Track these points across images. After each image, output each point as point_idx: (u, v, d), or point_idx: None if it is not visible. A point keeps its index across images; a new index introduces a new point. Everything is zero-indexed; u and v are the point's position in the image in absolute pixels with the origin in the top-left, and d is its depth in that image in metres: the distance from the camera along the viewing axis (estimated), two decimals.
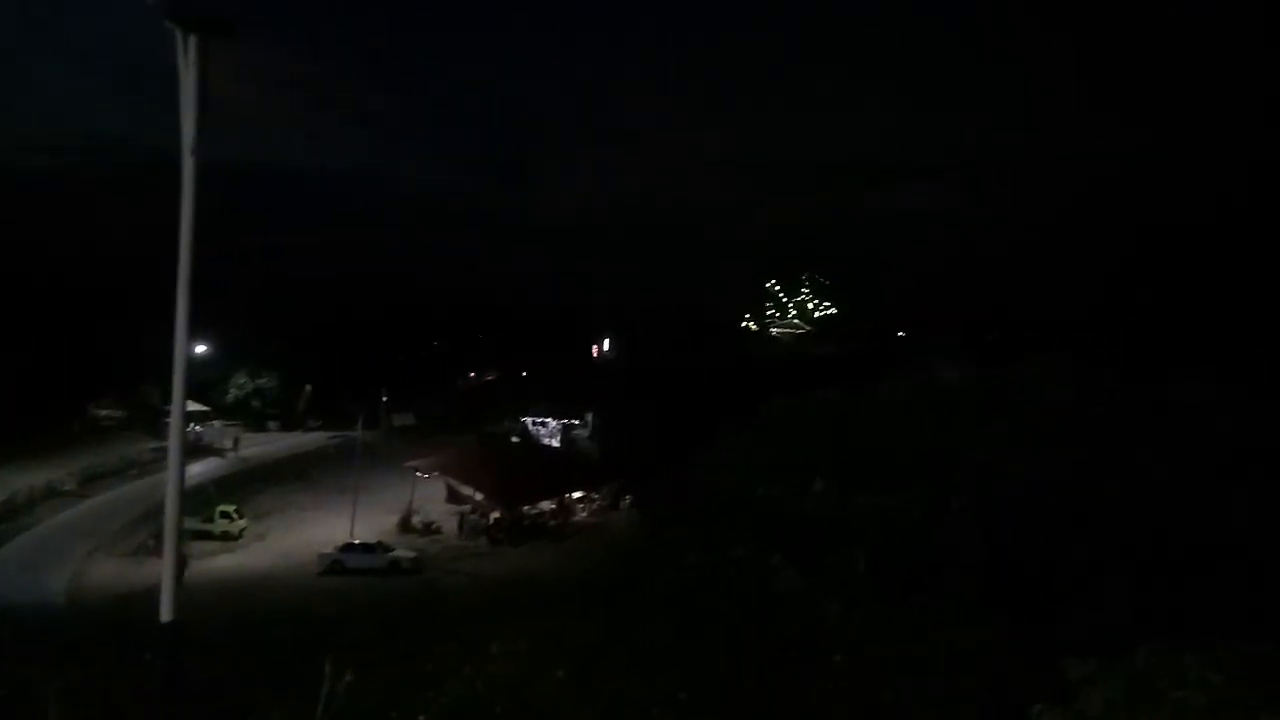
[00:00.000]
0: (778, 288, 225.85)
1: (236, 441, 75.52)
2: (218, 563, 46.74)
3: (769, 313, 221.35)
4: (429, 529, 53.64)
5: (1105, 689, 7.81)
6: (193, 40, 5.26)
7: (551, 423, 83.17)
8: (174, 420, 5.71)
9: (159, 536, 49.26)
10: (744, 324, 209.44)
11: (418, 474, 58.52)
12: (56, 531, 51.66)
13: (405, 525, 53.77)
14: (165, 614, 5.20)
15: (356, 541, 47.69)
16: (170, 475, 5.50)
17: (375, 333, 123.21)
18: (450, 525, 54.62)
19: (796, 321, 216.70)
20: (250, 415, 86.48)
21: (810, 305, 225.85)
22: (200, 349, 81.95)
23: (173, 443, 5.72)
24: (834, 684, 9.87)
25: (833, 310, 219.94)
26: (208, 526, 50.47)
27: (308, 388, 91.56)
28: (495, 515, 53.95)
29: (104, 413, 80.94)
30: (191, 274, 5.25)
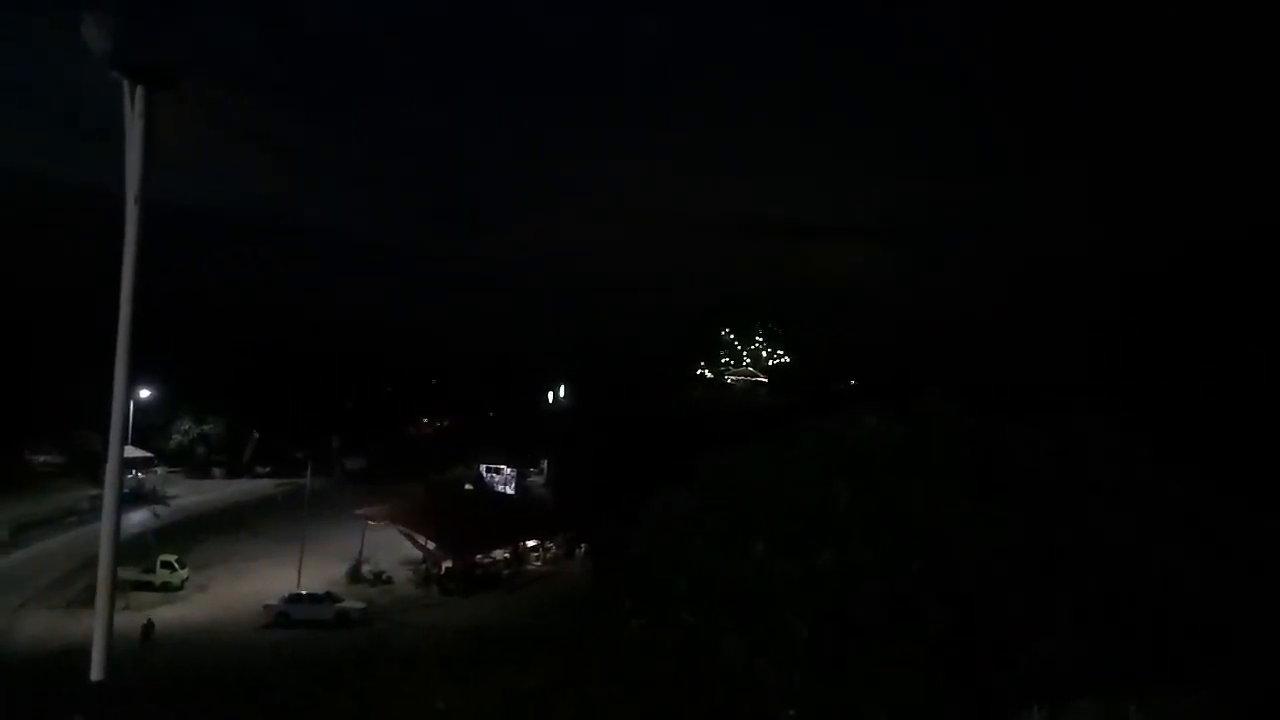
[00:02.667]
0: (731, 335, 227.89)
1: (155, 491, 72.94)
2: (158, 614, 45.05)
3: (723, 360, 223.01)
4: (379, 579, 52.41)
5: None
6: (139, 90, 5.26)
7: (506, 470, 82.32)
8: (110, 465, 5.58)
9: (94, 588, 47.53)
10: (699, 371, 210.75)
11: (368, 522, 57.33)
12: None
13: (355, 575, 52.50)
14: (96, 673, 4.99)
15: (303, 592, 46.41)
16: (104, 525, 5.33)
17: (324, 378, 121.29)
18: (402, 575, 53.46)
19: (750, 369, 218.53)
20: (195, 461, 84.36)
21: (764, 353, 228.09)
22: (143, 393, 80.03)
23: (109, 490, 5.58)
24: None
25: (785, 359, 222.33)
26: (148, 577, 48.78)
27: (255, 434, 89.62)
28: (446, 564, 52.97)
29: (41, 459, 78.28)
30: (133, 318, 5.18)
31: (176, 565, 50.46)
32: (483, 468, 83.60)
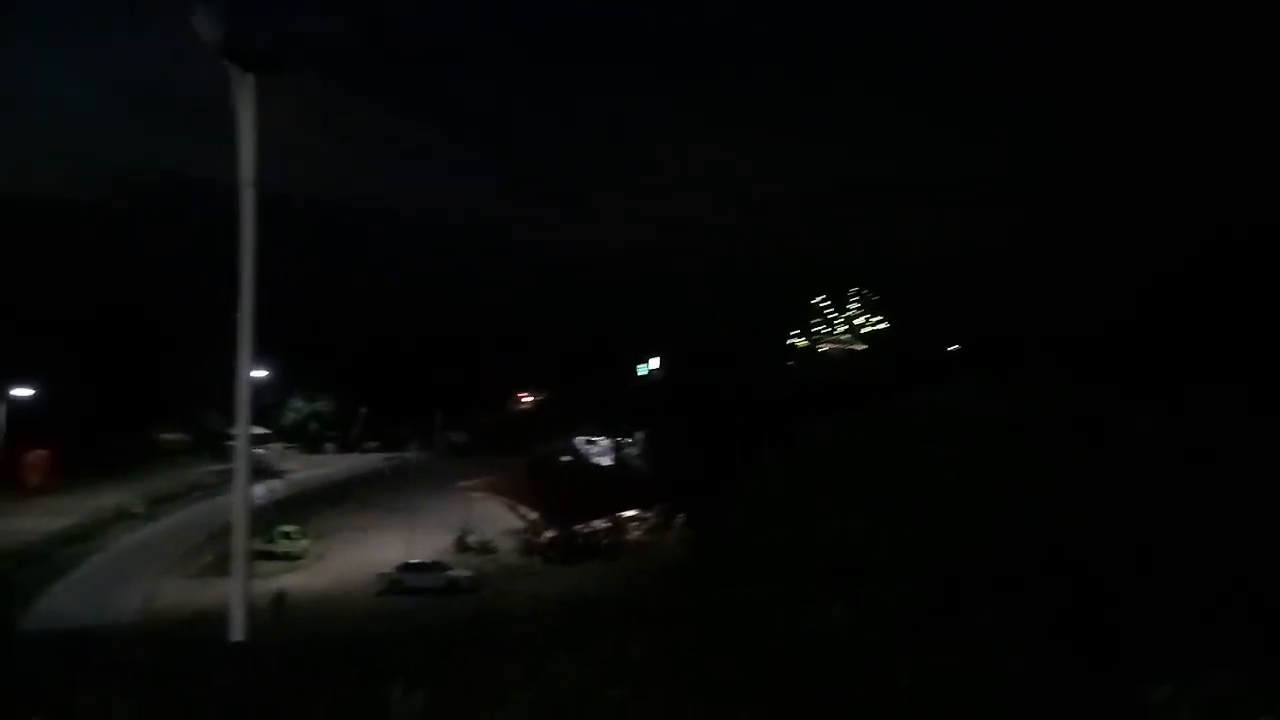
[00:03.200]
0: (826, 303, 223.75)
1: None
2: (280, 582, 47.63)
3: (818, 329, 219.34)
4: (485, 548, 54.08)
5: (1185, 711, 7.63)
6: (249, 78, 5.49)
7: (602, 441, 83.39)
8: (239, 443, 5.94)
9: (225, 557, 50.59)
10: (792, 340, 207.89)
11: (471, 494, 59.10)
12: (127, 553, 53.24)
13: (461, 545, 54.30)
14: (235, 634, 5.38)
15: (415, 561, 48.32)
16: (236, 499, 5.70)
17: (426, 357, 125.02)
18: (506, 544, 55.02)
19: (846, 337, 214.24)
20: (308, 438, 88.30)
21: (859, 320, 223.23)
22: (259, 374, 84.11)
23: (239, 466, 5.94)
24: (897, 709, 9.75)
25: (883, 325, 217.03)
26: (270, 547, 51.52)
27: (363, 410, 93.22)
28: (548, 534, 54.22)
29: (168, 438, 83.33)
30: (254, 300, 5.47)
31: (296, 535, 53.13)
32: (579, 440, 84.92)
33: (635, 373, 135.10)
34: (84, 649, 32.61)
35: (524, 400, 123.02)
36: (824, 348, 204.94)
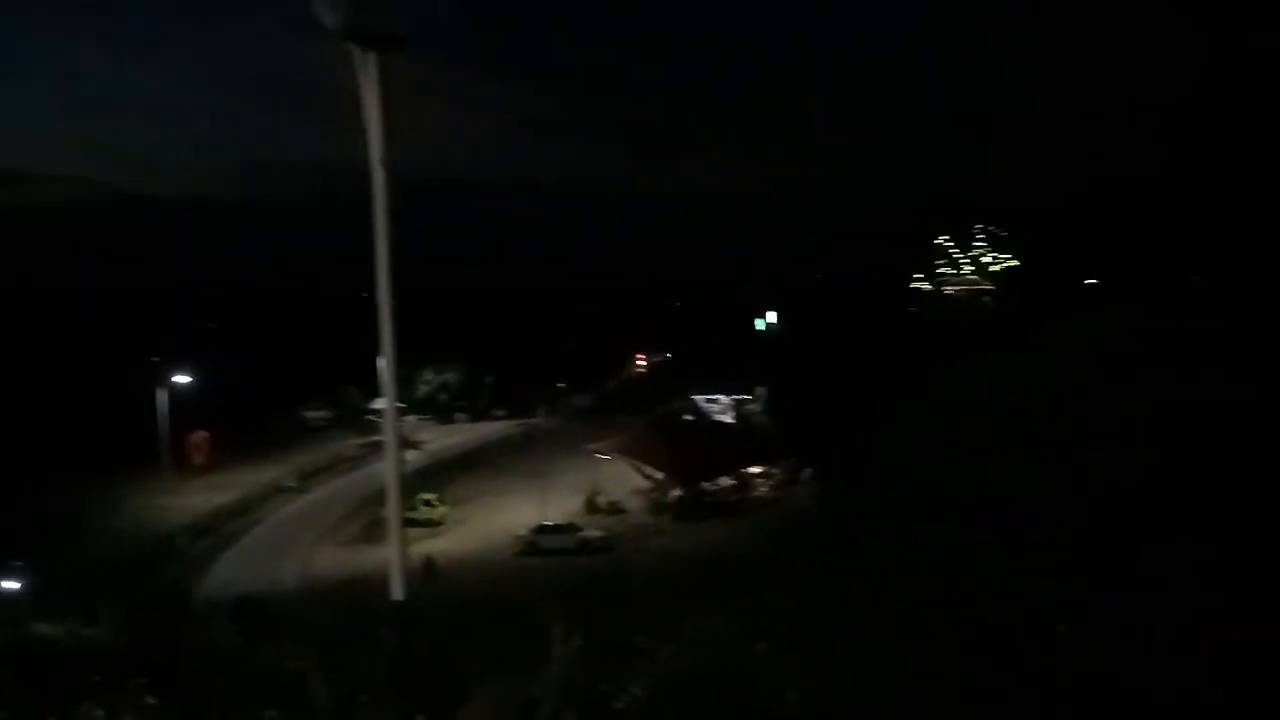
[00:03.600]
0: (949, 243, 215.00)
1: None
2: (423, 547, 49.92)
3: (941, 270, 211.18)
4: (614, 509, 55.10)
5: None
6: (371, 57, 5.55)
7: (723, 399, 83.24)
8: (387, 415, 6.11)
9: (373, 525, 53.43)
10: (915, 284, 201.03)
11: (598, 456, 60.17)
12: (284, 524, 56.96)
13: (591, 506, 55.49)
14: (395, 594, 5.57)
15: (548, 523, 49.74)
16: (388, 466, 5.88)
17: (550, 323, 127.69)
18: (634, 504, 55.89)
19: (973, 277, 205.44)
20: (439, 409, 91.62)
21: (986, 259, 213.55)
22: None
23: (388, 436, 6.12)
24: (1058, 657, 9.32)
25: (1013, 262, 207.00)
26: (412, 514, 53.95)
27: (490, 379, 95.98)
28: (676, 493, 54.71)
29: (314, 414, 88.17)
30: (390, 279, 5.55)
31: (436, 502, 55.47)
32: (700, 398, 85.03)
33: (754, 327, 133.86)
34: (253, 613, 35.09)
35: (644, 361, 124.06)
36: (950, 289, 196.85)
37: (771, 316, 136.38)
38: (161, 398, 62.95)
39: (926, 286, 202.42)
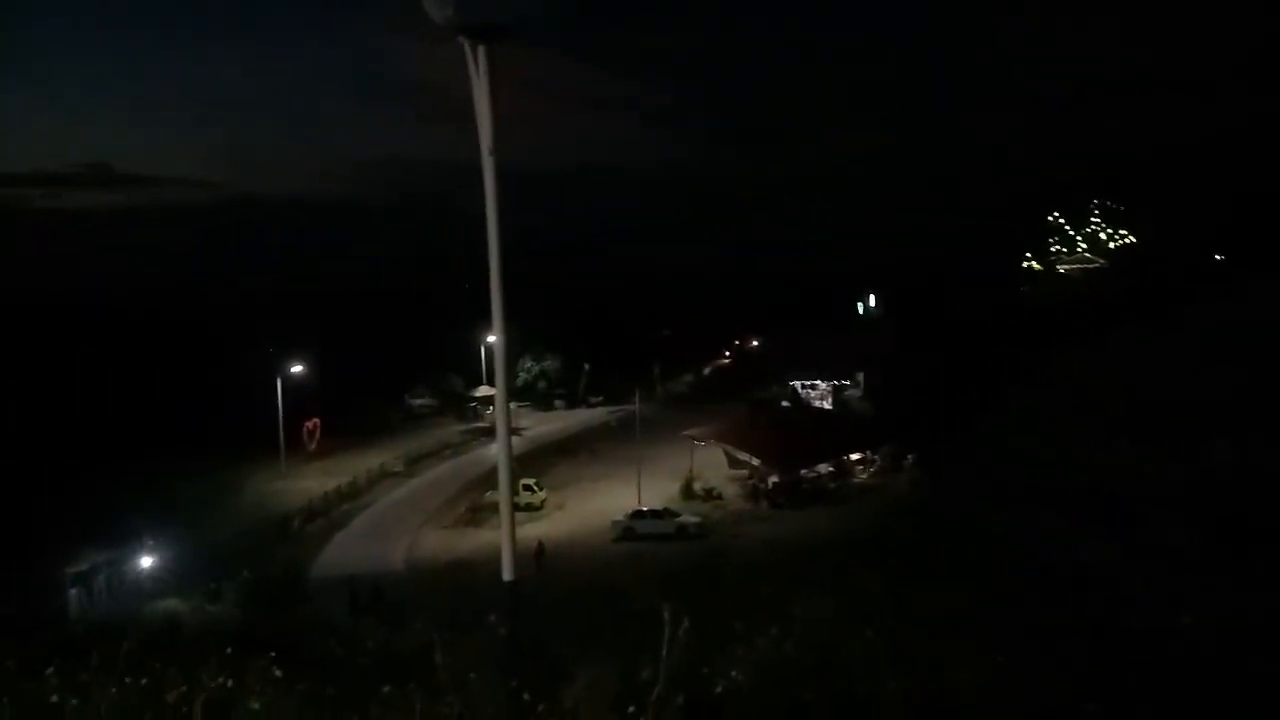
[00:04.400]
0: (1061, 220, 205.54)
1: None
2: (525, 531, 51.02)
3: (1054, 249, 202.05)
4: (710, 495, 55.03)
5: None
6: (481, 49, 5.66)
7: (821, 385, 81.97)
8: (498, 401, 6.28)
9: (476, 509, 54.90)
10: (1025, 264, 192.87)
11: (695, 442, 60.15)
12: (391, 507, 59.01)
13: (687, 492, 55.56)
14: (506, 574, 5.72)
15: (645, 509, 50.07)
16: (500, 451, 6.04)
17: (647, 309, 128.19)
18: (731, 491, 55.70)
19: (1088, 255, 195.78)
20: (538, 396, 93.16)
21: (1103, 235, 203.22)
22: (492, 338, 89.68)
23: (499, 421, 6.28)
24: (1182, 649, 8.84)
25: (1131, 239, 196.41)
26: (514, 499, 55.20)
27: (586, 366, 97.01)
28: (773, 479, 54.25)
29: (417, 402, 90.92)
30: (501, 267, 5.66)
31: (536, 487, 56.52)
32: (798, 384, 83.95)
33: (854, 311, 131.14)
34: (364, 591, 36.51)
35: (741, 347, 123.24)
36: (1063, 268, 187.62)
37: (872, 300, 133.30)
38: (279, 387, 66.03)
39: (1037, 266, 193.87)
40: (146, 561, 44.74)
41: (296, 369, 71.22)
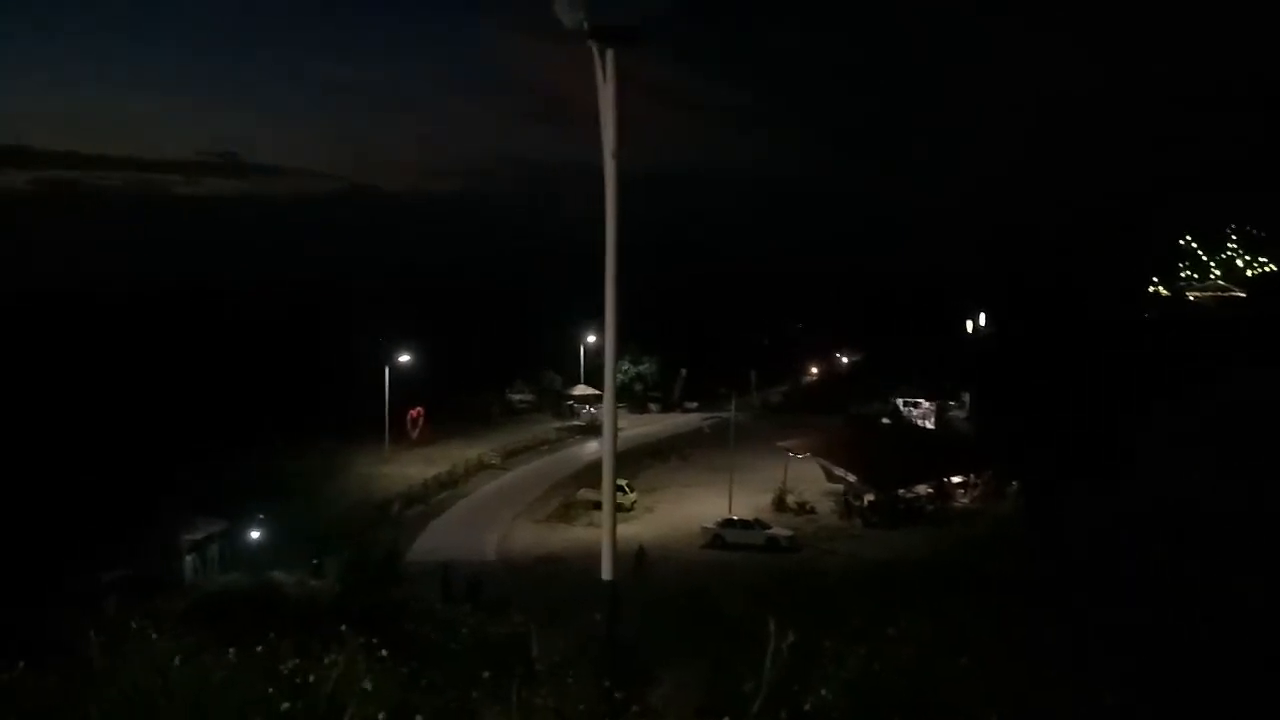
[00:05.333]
0: (1194, 244, 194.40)
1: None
2: (619, 530, 51.32)
3: (1184, 274, 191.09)
4: (803, 509, 54.25)
5: None
6: (610, 53, 5.74)
7: (924, 403, 79.80)
8: (606, 402, 6.33)
9: (568, 505, 55.62)
10: (1152, 289, 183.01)
11: (789, 454, 59.40)
12: (486, 499, 60.34)
13: (780, 504, 54.91)
14: (605, 573, 5.77)
15: (735, 518, 49.73)
16: (605, 452, 6.10)
17: (744, 316, 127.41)
18: (824, 506, 54.78)
19: (1221, 283, 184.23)
20: (633, 398, 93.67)
21: (1240, 262, 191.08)
22: (590, 339, 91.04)
23: (606, 422, 6.33)
24: None
25: (1273, 267, 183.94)
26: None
27: (682, 371, 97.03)
28: (869, 497, 53.11)
29: (516, 397, 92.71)
30: (617, 267, 5.72)
31: (627, 489, 56.81)
32: (900, 401, 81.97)
33: (962, 329, 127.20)
34: (459, 580, 37.44)
35: (840, 360, 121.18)
36: (1193, 294, 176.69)
37: (982, 318, 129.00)
38: (386, 375, 68.41)
39: (1164, 290, 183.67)
40: (256, 534, 47.03)
41: (404, 358, 73.69)
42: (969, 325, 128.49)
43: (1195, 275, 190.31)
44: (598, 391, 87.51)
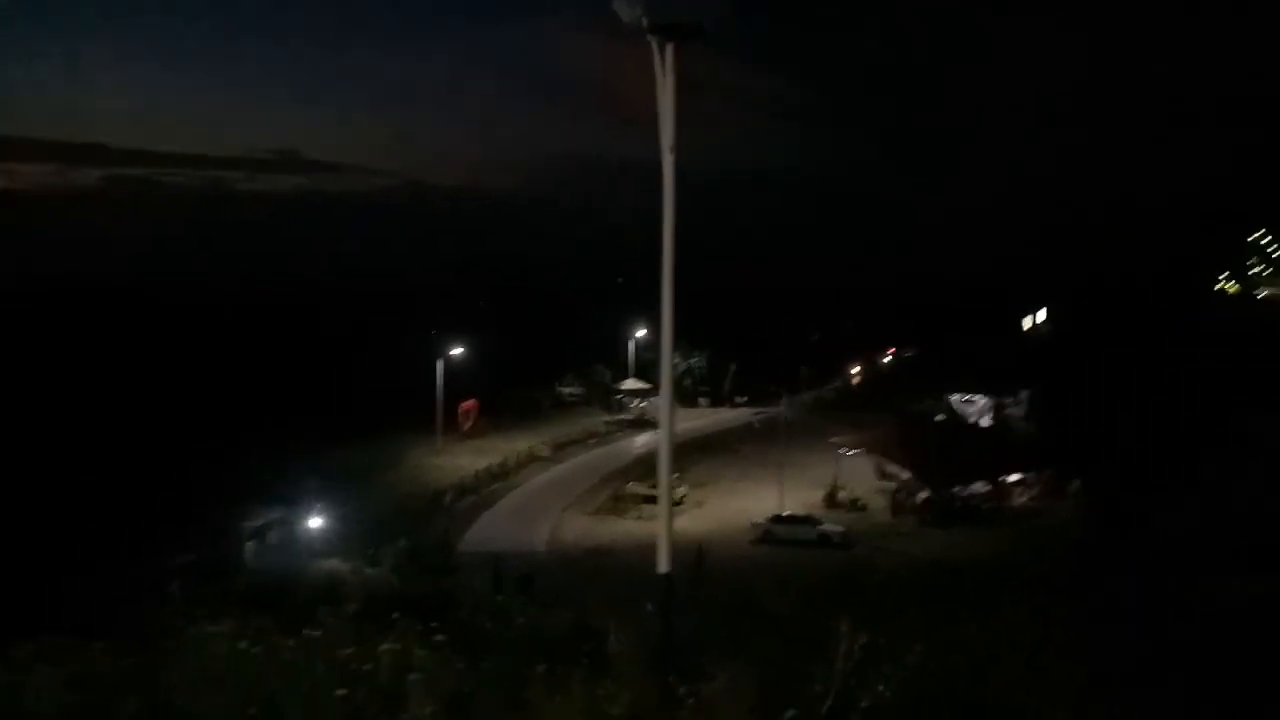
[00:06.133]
0: (1266, 240, 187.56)
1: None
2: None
3: (1254, 270, 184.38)
4: (855, 505, 53.69)
5: None
6: (670, 48, 5.70)
7: (981, 400, 78.27)
8: (663, 396, 6.28)
9: (618, 498, 55.83)
10: (1220, 285, 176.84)
11: (841, 450, 58.81)
12: (536, 490, 60.84)
13: (831, 500, 54.42)
14: (662, 566, 5.74)
15: (786, 513, 49.41)
16: (661, 444, 6.05)
17: (790, 312, 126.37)
18: (876, 503, 54.14)
19: None
20: (683, 392, 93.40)
21: None
22: (639, 333, 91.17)
23: (663, 416, 6.29)
24: None
25: None
26: (654, 492, 55.69)
27: (733, 366, 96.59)
28: (923, 495, 52.35)
29: (566, 391, 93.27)
30: (674, 263, 5.68)
31: (676, 483, 56.80)
32: (954, 398, 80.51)
33: (1019, 326, 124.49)
34: (510, 571, 37.75)
35: (893, 356, 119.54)
36: (1262, 292, 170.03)
37: (1041, 314, 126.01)
38: (439, 368, 69.31)
39: (1231, 288, 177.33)
40: (314, 522, 48.03)
41: (456, 352, 74.55)
42: (1027, 322, 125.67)
43: (1269, 270, 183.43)
44: (647, 385, 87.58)
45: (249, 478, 52.52)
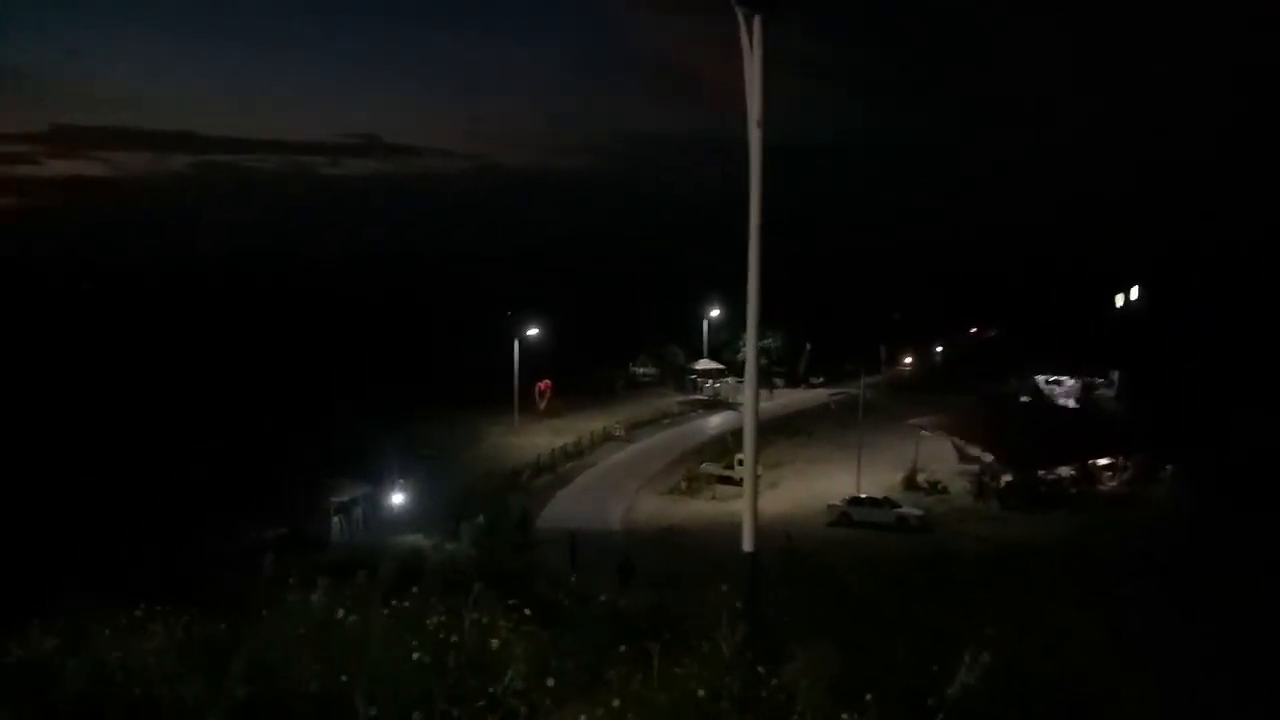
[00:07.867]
0: None
1: (771, 392, 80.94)
2: (738, 505, 51.14)
3: None
4: (935, 488, 52.58)
5: None
6: (757, 21, 5.63)
7: (1068, 381, 75.69)
8: (748, 378, 6.26)
9: (691, 479, 55.88)
10: None
11: (921, 432, 57.62)
12: (611, 469, 61.28)
13: (910, 483, 53.38)
14: (747, 545, 5.73)
15: (862, 495, 48.71)
16: (746, 424, 6.03)
17: (871, 290, 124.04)
18: (957, 486, 52.93)
19: None
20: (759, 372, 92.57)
21: None
22: (713, 313, 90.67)
23: (748, 398, 6.27)
24: None
25: None
26: (729, 472, 55.57)
27: (808, 346, 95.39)
28: (1006, 478, 50.96)
29: (640, 371, 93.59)
30: (761, 238, 5.62)
31: None
32: (1041, 379, 78.08)
33: (1111, 303, 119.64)
34: (584, 547, 38.22)
35: (976, 334, 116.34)
36: None
37: (1134, 292, 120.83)
38: (516, 348, 70.26)
39: None
40: (397, 498, 49.43)
41: (532, 332, 75.46)
42: (1119, 299, 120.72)
43: None
44: (720, 366, 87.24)
45: (337, 453, 54.33)
